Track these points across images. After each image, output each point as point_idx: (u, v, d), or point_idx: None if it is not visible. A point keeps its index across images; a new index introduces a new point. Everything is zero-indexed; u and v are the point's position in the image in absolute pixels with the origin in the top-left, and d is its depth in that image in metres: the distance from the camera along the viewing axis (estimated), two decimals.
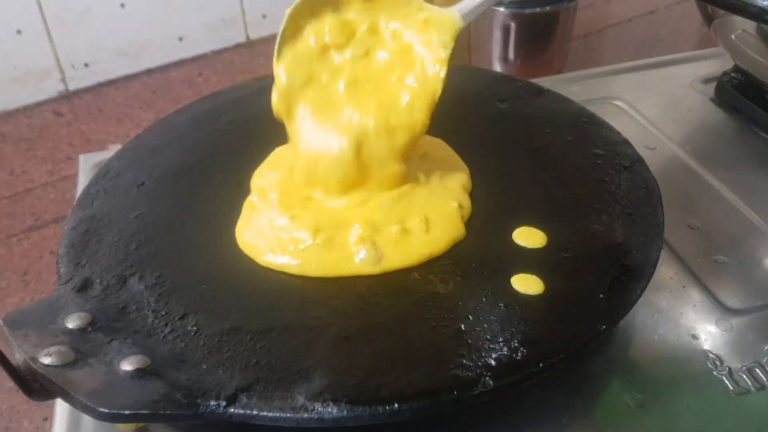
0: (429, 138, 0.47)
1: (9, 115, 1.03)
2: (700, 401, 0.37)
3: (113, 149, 0.54)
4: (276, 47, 0.42)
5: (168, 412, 0.30)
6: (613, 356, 0.40)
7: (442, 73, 0.42)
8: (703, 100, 0.65)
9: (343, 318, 0.36)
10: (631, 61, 0.71)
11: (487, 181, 0.46)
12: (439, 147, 0.49)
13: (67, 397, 0.31)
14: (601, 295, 0.36)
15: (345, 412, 0.31)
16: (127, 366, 0.32)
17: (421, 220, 0.41)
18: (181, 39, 1.13)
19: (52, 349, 0.32)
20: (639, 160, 0.47)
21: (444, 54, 0.42)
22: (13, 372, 0.31)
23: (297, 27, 0.43)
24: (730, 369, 0.39)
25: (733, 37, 0.60)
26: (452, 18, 0.42)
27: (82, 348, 0.33)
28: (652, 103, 0.63)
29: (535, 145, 0.49)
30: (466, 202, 0.44)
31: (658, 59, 0.71)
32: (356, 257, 0.40)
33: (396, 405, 0.31)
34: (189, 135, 0.52)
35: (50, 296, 0.37)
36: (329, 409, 0.31)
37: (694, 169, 0.55)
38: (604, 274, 0.38)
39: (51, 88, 1.05)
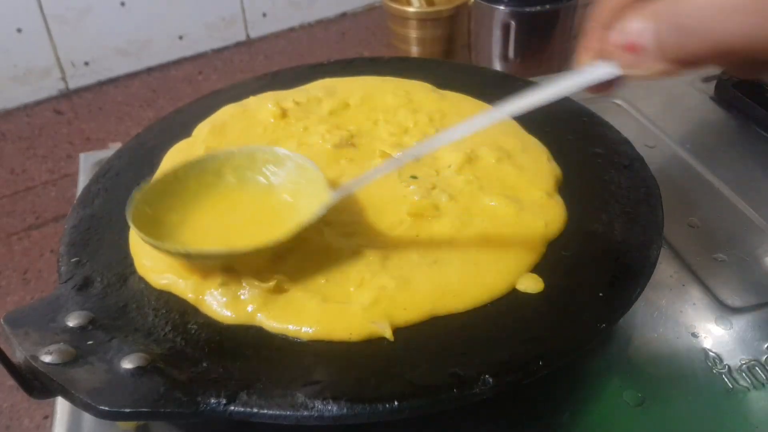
0: None
1: (9, 113, 1.03)
2: (699, 399, 0.37)
3: (113, 148, 0.54)
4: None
5: (168, 409, 0.31)
6: (612, 354, 0.40)
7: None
8: (702, 98, 0.65)
9: None
10: None
11: None
12: None
13: (68, 395, 0.31)
14: (601, 294, 0.36)
15: (345, 410, 0.31)
16: (127, 364, 0.32)
17: None
18: (181, 38, 1.13)
19: (52, 347, 0.32)
20: (639, 158, 0.47)
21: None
22: (14, 370, 0.31)
23: None
24: (729, 367, 0.39)
25: None
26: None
27: (82, 346, 0.33)
28: (651, 102, 0.63)
29: None
30: None
31: None
32: None
33: (396, 403, 0.31)
34: (189, 134, 0.52)
35: (51, 295, 0.37)
36: (329, 407, 0.31)
37: (693, 168, 0.55)
38: (603, 272, 0.38)
39: (51, 86, 1.05)
